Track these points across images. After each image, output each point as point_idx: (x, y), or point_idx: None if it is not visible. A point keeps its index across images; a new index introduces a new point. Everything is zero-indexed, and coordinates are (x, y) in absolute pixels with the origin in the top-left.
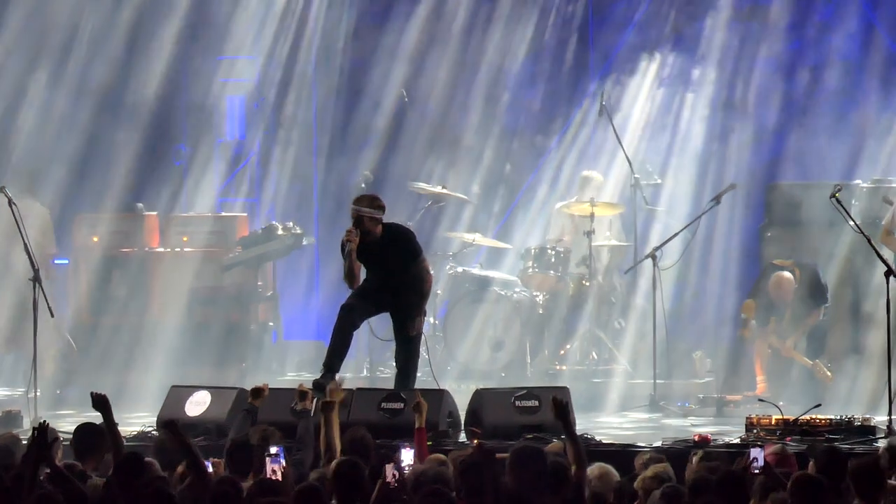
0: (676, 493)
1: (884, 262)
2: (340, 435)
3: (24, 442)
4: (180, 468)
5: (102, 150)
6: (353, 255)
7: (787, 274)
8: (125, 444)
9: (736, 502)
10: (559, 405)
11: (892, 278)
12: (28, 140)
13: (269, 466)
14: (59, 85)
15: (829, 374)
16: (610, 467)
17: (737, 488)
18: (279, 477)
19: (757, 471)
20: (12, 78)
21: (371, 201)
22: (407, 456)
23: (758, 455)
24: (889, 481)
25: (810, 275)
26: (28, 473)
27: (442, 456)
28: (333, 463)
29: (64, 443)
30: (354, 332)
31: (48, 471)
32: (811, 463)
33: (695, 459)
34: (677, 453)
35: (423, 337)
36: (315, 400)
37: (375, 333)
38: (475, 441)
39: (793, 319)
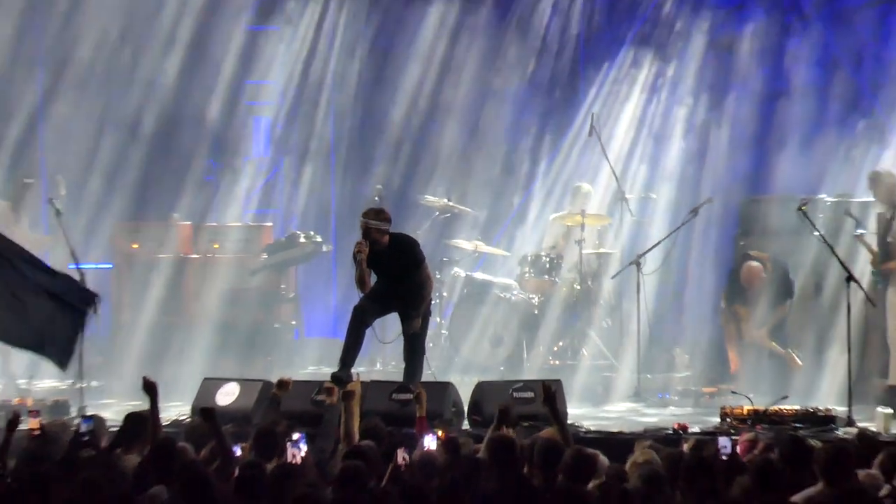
0: (655, 475)
1: (845, 268)
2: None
3: (73, 428)
4: (204, 451)
5: (137, 163)
6: (364, 264)
7: (755, 263)
8: None
9: (704, 486)
10: (547, 391)
11: (851, 283)
12: (71, 149)
13: (290, 451)
14: (105, 101)
15: (799, 362)
16: (599, 453)
17: (705, 473)
18: (299, 461)
19: (725, 457)
20: (55, 89)
21: (377, 214)
22: (430, 442)
23: (726, 443)
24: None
25: (781, 271)
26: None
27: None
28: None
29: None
30: (367, 330)
31: (93, 453)
32: (776, 451)
33: (685, 446)
34: (662, 440)
35: (426, 335)
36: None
37: (378, 337)
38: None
39: (766, 308)
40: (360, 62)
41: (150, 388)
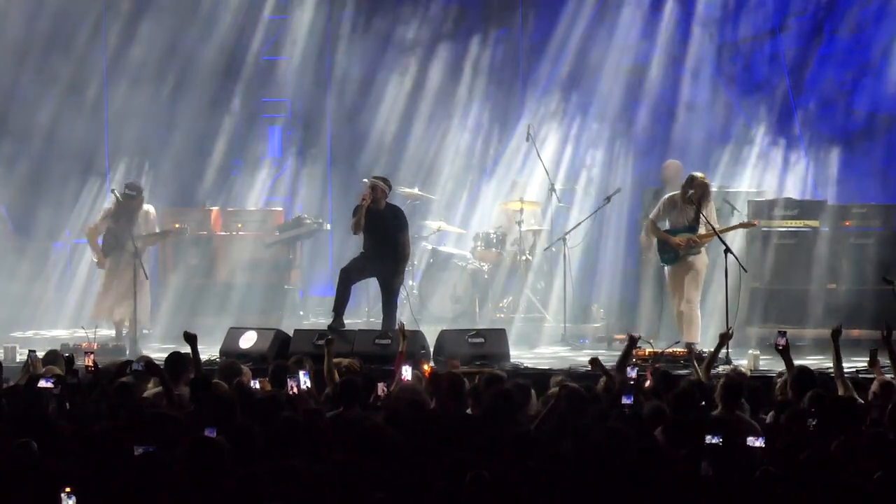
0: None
1: (723, 242)
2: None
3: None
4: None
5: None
6: (362, 212)
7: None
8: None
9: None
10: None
11: (728, 254)
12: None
13: (289, 383)
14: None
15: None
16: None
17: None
18: (296, 392)
19: (632, 383)
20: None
21: (384, 180)
22: (407, 373)
23: (632, 373)
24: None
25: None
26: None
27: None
28: (339, 381)
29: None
30: (352, 288)
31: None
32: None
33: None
34: (581, 375)
35: (401, 293)
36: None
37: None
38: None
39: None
40: (354, 83)
41: (190, 339)
